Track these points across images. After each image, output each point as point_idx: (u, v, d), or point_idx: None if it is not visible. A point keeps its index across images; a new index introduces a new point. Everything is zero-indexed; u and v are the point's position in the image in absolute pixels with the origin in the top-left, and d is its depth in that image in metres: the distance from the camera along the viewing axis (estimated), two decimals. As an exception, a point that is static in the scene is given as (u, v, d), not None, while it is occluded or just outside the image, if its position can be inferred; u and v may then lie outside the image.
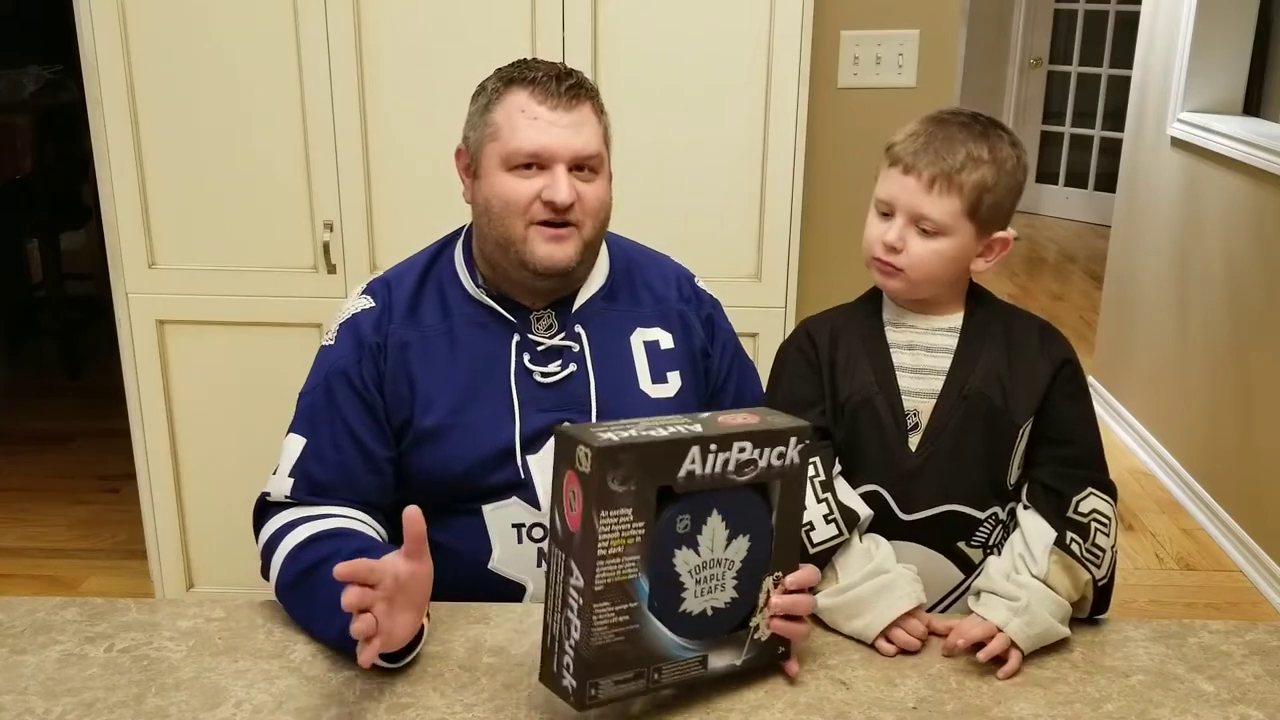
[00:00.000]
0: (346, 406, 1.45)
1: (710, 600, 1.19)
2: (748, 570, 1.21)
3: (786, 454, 1.20)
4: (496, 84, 1.45)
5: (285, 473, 1.43)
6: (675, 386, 1.52)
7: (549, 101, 1.40)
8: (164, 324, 2.37)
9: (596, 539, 1.09)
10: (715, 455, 1.15)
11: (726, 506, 1.18)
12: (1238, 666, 1.30)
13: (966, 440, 1.38)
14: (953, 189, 1.34)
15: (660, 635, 1.15)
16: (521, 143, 1.40)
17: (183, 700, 1.21)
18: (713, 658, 1.20)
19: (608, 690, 1.13)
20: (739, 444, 1.17)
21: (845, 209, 2.59)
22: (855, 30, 2.50)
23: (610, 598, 1.11)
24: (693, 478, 1.14)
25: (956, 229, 1.35)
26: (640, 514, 1.11)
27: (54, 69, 4.40)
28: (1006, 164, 1.35)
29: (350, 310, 1.50)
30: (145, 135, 2.27)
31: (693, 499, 1.16)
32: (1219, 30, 3.56)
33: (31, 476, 3.56)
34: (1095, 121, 6.82)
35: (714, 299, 1.63)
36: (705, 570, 1.18)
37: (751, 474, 1.18)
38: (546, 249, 1.42)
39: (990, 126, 1.37)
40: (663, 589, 1.15)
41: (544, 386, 1.47)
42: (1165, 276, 3.72)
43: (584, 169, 1.43)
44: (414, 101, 2.23)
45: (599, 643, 1.11)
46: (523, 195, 1.41)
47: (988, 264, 1.41)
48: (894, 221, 1.36)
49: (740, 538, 1.20)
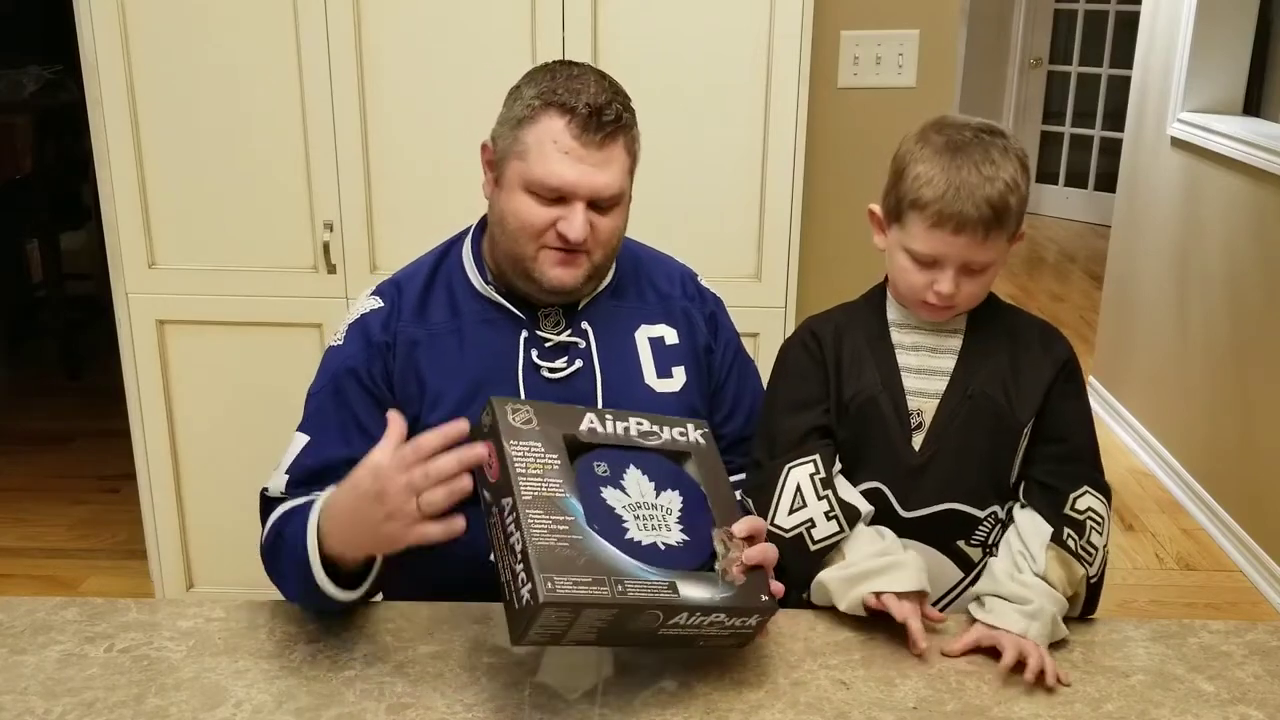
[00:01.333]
0: (357, 402, 1.45)
1: (659, 536, 1.21)
2: (691, 521, 1.25)
3: (687, 434, 1.32)
4: (535, 99, 1.41)
5: (283, 469, 1.44)
6: (680, 382, 1.53)
7: (584, 137, 1.39)
8: (164, 324, 2.37)
9: (511, 460, 1.16)
10: (612, 421, 1.28)
11: (643, 464, 1.27)
12: (1238, 666, 1.30)
13: (970, 439, 1.39)
14: (1000, 228, 1.34)
15: (611, 552, 1.16)
16: (546, 175, 1.39)
17: (183, 700, 1.21)
18: (684, 586, 1.18)
19: (566, 588, 1.10)
20: (635, 419, 1.30)
21: (845, 209, 2.59)
22: (855, 30, 2.50)
23: (541, 507, 1.15)
24: (595, 434, 1.26)
25: (1001, 254, 1.38)
26: (551, 448, 1.20)
27: (54, 69, 4.40)
28: (1023, 171, 1.36)
29: (359, 311, 1.51)
30: (145, 135, 2.27)
31: (606, 451, 1.25)
32: (1219, 30, 3.56)
33: (31, 476, 3.56)
34: (1095, 121, 6.82)
35: (717, 297, 1.64)
36: (641, 509, 1.23)
37: (656, 441, 1.30)
38: (555, 272, 1.43)
39: (991, 138, 1.36)
40: (602, 517, 1.19)
41: (551, 382, 1.48)
42: (1165, 276, 3.72)
43: (603, 204, 1.43)
44: (414, 101, 2.23)
45: (543, 543, 1.13)
46: (539, 220, 1.41)
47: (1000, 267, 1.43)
48: (944, 273, 1.35)
49: (670, 490, 1.26)
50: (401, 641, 1.32)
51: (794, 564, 1.37)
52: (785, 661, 1.29)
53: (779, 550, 1.39)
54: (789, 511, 1.37)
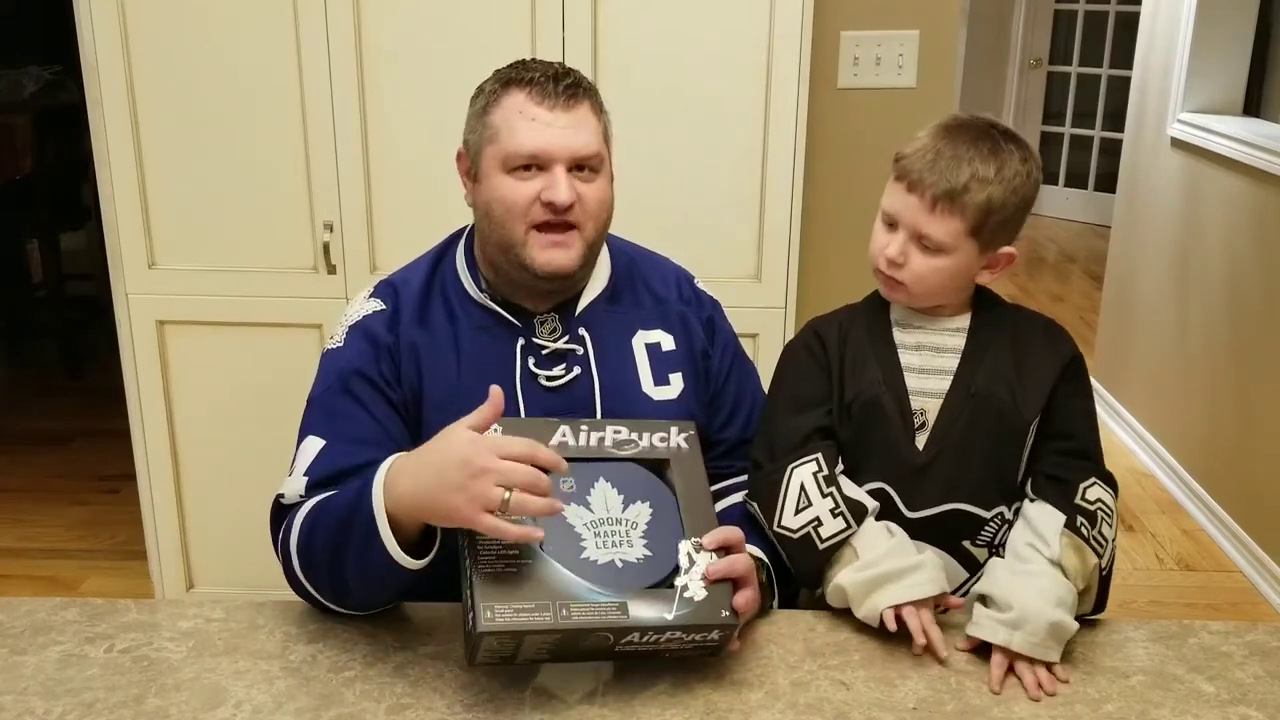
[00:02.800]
0: (369, 401, 1.42)
1: (617, 553, 1.22)
2: (657, 533, 1.25)
3: (669, 439, 1.32)
4: (494, 86, 1.44)
5: (300, 473, 1.40)
6: (677, 389, 1.52)
7: (546, 102, 1.40)
8: (164, 324, 2.37)
9: None
10: (587, 433, 1.28)
11: (613, 476, 1.27)
12: (1238, 667, 1.30)
13: (974, 439, 1.38)
14: (955, 210, 1.33)
15: (560, 575, 1.17)
16: (520, 144, 1.39)
17: (183, 700, 1.21)
18: (635, 606, 1.18)
19: (506, 616, 1.13)
20: (613, 427, 1.30)
21: (845, 209, 2.59)
22: (855, 30, 2.50)
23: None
24: (566, 448, 1.26)
25: (959, 248, 1.36)
26: None
27: (54, 69, 4.41)
28: (1014, 181, 1.34)
29: (359, 313, 1.49)
30: (145, 135, 2.27)
31: (576, 466, 1.24)
32: (1219, 31, 3.56)
33: (31, 476, 3.56)
34: (1095, 122, 6.82)
35: (714, 300, 1.63)
36: (604, 526, 1.23)
37: (633, 450, 1.29)
38: (547, 254, 1.41)
39: (1003, 140, 1.36)
40: (558, 537, 1.20)
41: (549, 390, 1.47)
42: (1165, 277, 3.72)
43: (584, 169, 1.42)
44: (414, 101, 2.23)
45: (487, 571, 1.15)
46: (522, 197, 1.40)
47: (993, 276, 1.42)
48: (897, 235, 1.37)
49: (639, 503, 1.26)
50: (401, 642, 1.32)
51: (803, 563, 1.37)
52: (785, 662, 1.29)
53: (788, 552, 1.38)
54: (795, 511, 1.37)
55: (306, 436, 1.43)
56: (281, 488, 1.42)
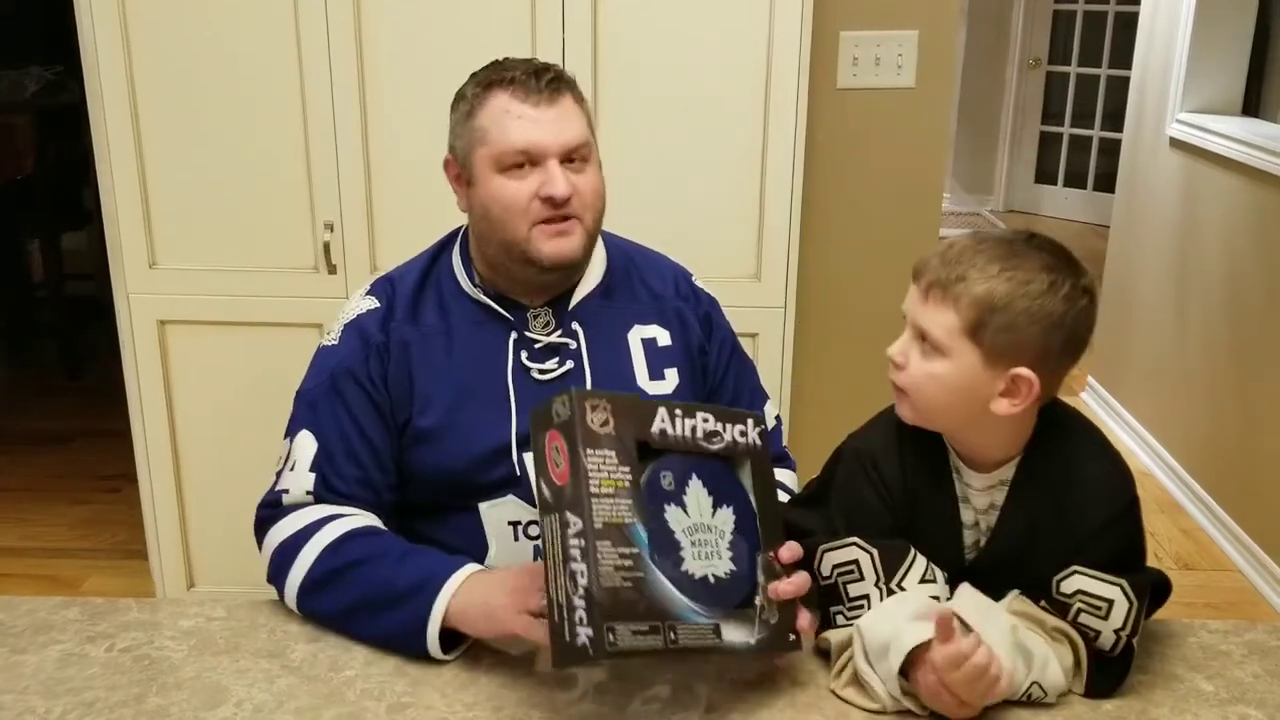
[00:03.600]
0: (356, 406, 1.44)
1: (710, 566, 1.17)
2: (740, 545, 1.21)
3: (747, 433, 1.25)
4: (475, 89, 1.44)
5: (305, 468, 1.42)
6: (673, 384, 1.53)
7: (531, 98, 1.40)
8: (164, 324, 2.37)
9: (587, 476, 1.10)
10: (681, 419, 1.20)
11: (704, 473, 1.21)
12: (1237, 666, 1.30)
13: (1017, 569, 1.28)
14: (948, 300, 1.19)
15: (668, 591, 1.12)
16: (512, 142, 1.40)
17: (183, 700, 1.21)
18: (726, 630, 1.15)
19: (626, 639, 1.07)
20: (701, 414, 1.22)
21: (845, 209, 2.59)
22: (854, 31, 2.50)
23: (610, 537, 1.09)
24: (666, 436, 1.18)
25: (956, 351, 1.20)
26: (623, 459, 1.13)
27: (54, 69, 4.40)
28: (1029, 285, 1.17)
29: (355, 311, 1.50)
30: (146, 135, 2.27)
31: (671, 459, 1.18)
32: (1218, 31, 3.56)
33: (31, 476, 3.57)
34: (1094, 122, 6.83)
35: (711, 297, 1.63)
36: (698, 534, 1.18)
37: (719, 444, 1.22)
38: (552, 245, 1.42)
39: (1038, 248, 1.20)
40: (662, 543, 1.14)
41: (541, 384, 1.47)
42: (1164, 277, 3.73)
43: (574, 159, 1.43)
44: (414, 101, 2.23)
45: (608, 584, 1.07)
46: (521, 195, 1.41)
47: (1014, 406, 1.20)
48: (905, 334, 1.25)
49: (724, 508, 1.21)
50: (402, 641, 1.32)
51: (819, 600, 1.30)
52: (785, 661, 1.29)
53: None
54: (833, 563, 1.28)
55: (300, 430, 1.45)
56: (283, 483, 1.43)
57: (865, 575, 1.25)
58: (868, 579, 1.25)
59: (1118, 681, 1.24)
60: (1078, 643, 1.23)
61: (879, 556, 1.25)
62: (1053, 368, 1.21)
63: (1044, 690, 1.20)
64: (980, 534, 1.30)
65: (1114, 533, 1.25)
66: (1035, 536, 1.26)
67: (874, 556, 1.25)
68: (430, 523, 1.47)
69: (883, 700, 1.19)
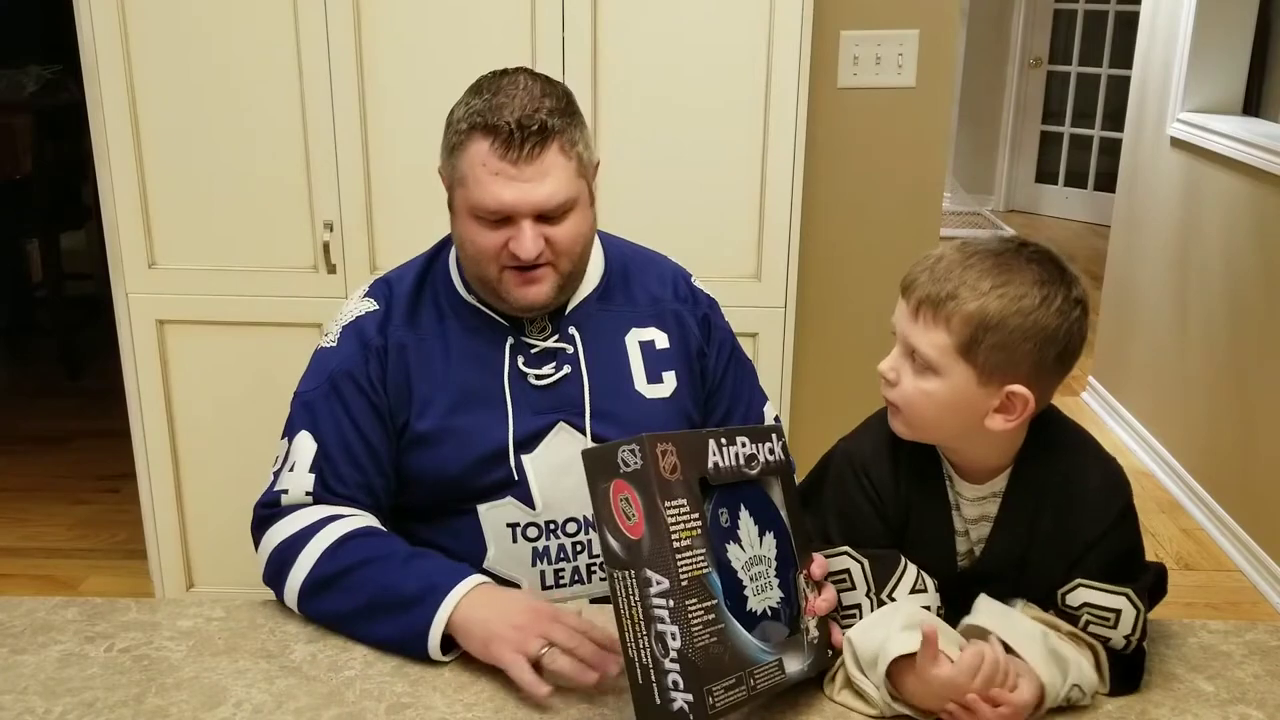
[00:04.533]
0: (355, 407, 1.44)
1: (766, 599, 1.15)
2: (782, 569, 1.19)
3: (774, 449, 1.22)
4: (462, 124, 1.39)
5: (305, 469, 1.42)
6: (671, 387, 1.52)
7: (510, 155, 1.35)
8: (164, 324, 2.37)
9: (669, 531, 1.05)
10: (727, 448, 1.16)
11: (750, 501, 1.18)
12: (1237, 666, 1.30)
13: (1012, 585, 1.28)
14: (939, 319, 1.16)
15: (742, 636, 1.09)
16: (483, 199, 1.37)
17: (183, 700, 1.21)
18: (786, 661, 1.13)
19: (723, 698, 1.04)
20: (740, 438, 1.18)
21: (845, 209, 2.59)
22: (855, 30, 2.50)
23: (696, 594, 1.05)
24: (719, 470, 1.14)
25: (949, 369, 1.17)
26: (693, 505, 1.09)
27: (53, 69, 4.41)
28: (1022, 301, 1.14)
29: (353, 313, 1.50)
30: (145, 135, 2.27)
31: (723, 493, 1.15)
32: (1219, 30, 3.56)
33: (31, 476, 3.56)
34: (1095, 121, 6.83)
35: (711, 298, 1.62)
36: (754, 567, 1.15)
37: (757, 469, 1.19)
38: (520, 291, 1.42)
39: (1029, 259, 1.17)
40: (730, 586, 1.10)
41: (538, 389, 1.47)
42: (1165, 276, 3.73)
43: (553, 216, 1.39)
44: (414, 101, 2.23)
45: (701, 643, 1.04)
46: (491, 245, 1.40)
47: (1009, 422, 1.19)
48: (895, 349, 1.23)
49: (768, 534, 1.19)
50: (401, 641, 1.32)
51: None
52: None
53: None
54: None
55: (299, 432, 1.44)
56: (281, 483, 1.43)
57: (856, 585, 1.25)
58: (859, 589, 1.25)
59: (1139, 677, 1.24)
60: (1095, 645, 1.23)
61: (870, 567, 1.24)
62: (1046, 381, 1.19)
63: (1083, 691, 1.20)
64: (971, 543, 1.30)
65: (1113, 540, 1.25)
66: (1030, 548, 1.25)
67: (865, 567, 1.24)
68: (428, 525, 1.47)
69: (879, 707, 1.19)
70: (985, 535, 1.28)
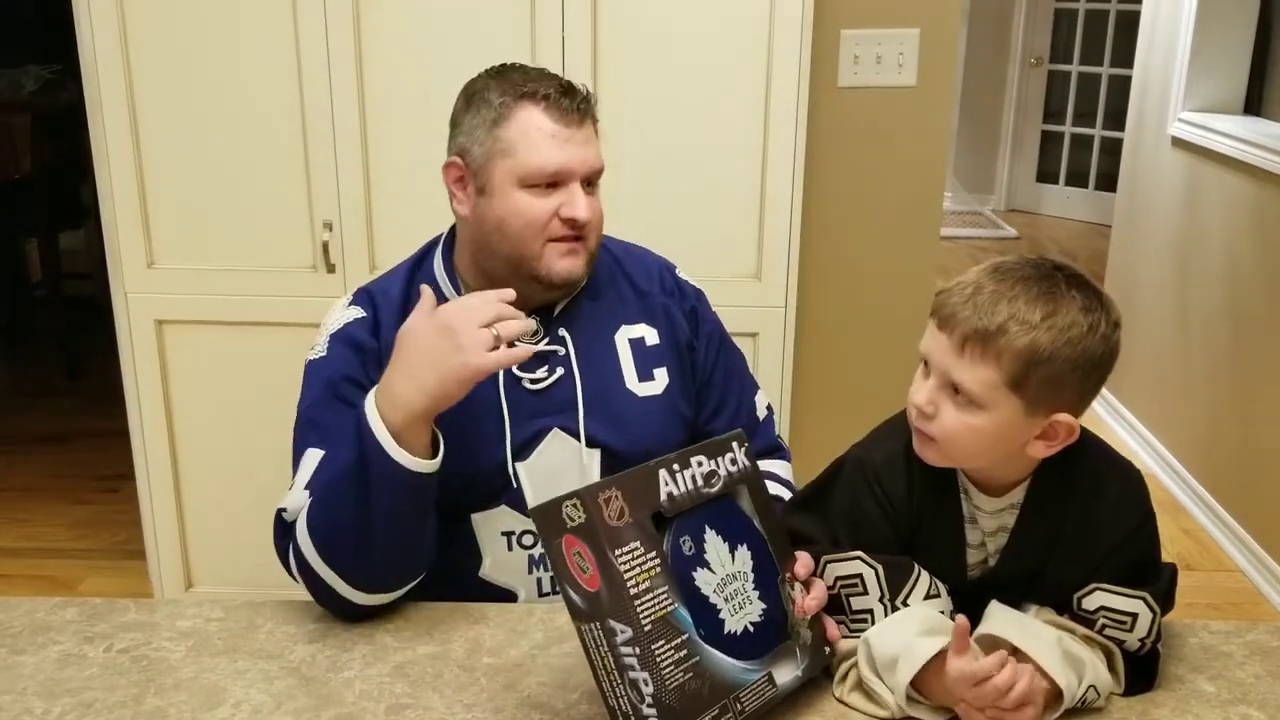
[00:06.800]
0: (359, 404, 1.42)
1: (745, 617, 1.16)
2: (762, 579, 1.19)
3: (736, 459, 1.21)
4: (503, 98, 1.40)
5: (300, 487, 1.38)
6: (663, 383, 1.52)
7: (564, 119, 1.39)
8: (163, 324, 2.37)
9: (624, 579, 1.05)
10: (680, 473, 1.15)
11: (714, 520, 1.17)
12: (1238, 667, 1.29)
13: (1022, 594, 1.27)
14: (989, 355, 1.13)
15: (721, 662, 1.10)
16: (544, 163, 1.39)
17: (182, 700, 1.20)
18: (777, 674, 1.15)
19: None
20: (695, 458, 1.17)
21: (845, 209, 2.58)
22: (855, 29, 2.50)
23: (663, 635, 1.06)
24: (674, 500, 1.14)
25: (996, 403, 1.14)
26: (648, 545, 1.09)
27: (53, 69, 4.41)
28: (1070, 331, 1.13)
29: (340, 321, 1.48)
30: (144, 135, 2.27)
31: (684, 520, 1.14)
32: (1220, 30, 3.56)
33: (31, 476, 3.56)
34: (1096, 121, 6.82)
35: (697, 290, 1.62)
36: (728, 587, 1.15)
37: (718, 484, 1.18)
38: (564, 263, 1.42)
39: (1066, 284, 1.16)
40: (702, 614, 1.11)
41: (533, 393, 1.46)
42: (1166, 276, 3.72)
43: (592, 183, 1.44)
44: (413, 100, 2.23)
45: (675, 684, 1.05)
46: (542, 213, 1.40)
47: (1050, 448, 1.18)
48: (928, 381, 1.19)
49: (740, 548, 1.19)
50: (400, 642, 1.31)
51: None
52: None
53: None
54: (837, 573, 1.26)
55: (305, 450, 1.41)
56: (283, 501, 1.40)
57: (869, 590, 1.24)
58: (871, 594, 1.24)
59: (1153, 677, 1.24)
60: (1110, 647, 1.23)
61: (883, 574, 1.23)
62: (1087, 403, 1.20)
63: (1098, 693, 1.20)
64: (986, 554, 1.29)
65: (1132, 546, 1.25)
66: (1048, 558, 1.25)
67: (878, 573, 1.23)
68: None
69: (891, 710, 1.18)
70: (1002, 546, 1.27)
